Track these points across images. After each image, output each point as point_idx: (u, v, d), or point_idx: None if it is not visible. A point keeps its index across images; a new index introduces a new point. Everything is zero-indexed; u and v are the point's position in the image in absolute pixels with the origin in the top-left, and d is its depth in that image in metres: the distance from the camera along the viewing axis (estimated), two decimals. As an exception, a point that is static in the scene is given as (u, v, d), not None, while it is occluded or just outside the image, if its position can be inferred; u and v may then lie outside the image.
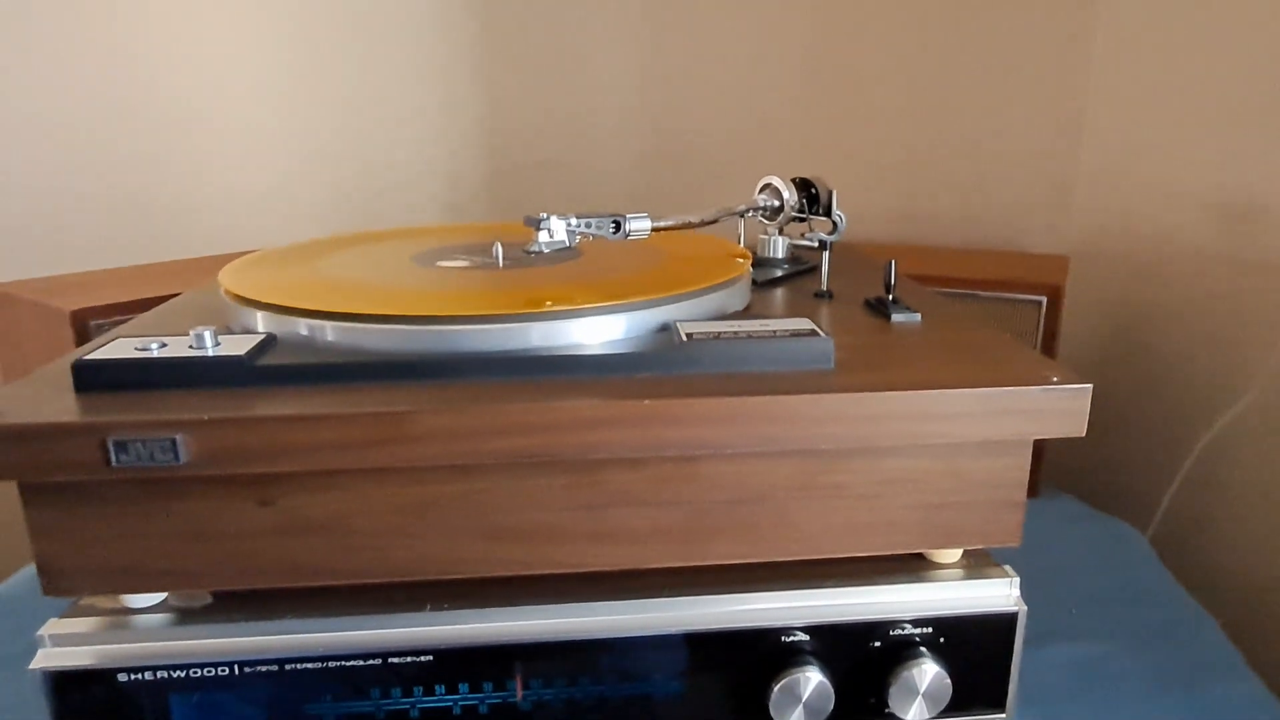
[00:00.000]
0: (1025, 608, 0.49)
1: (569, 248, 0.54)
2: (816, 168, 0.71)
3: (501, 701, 0.47)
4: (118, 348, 0.45)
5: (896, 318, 0.55)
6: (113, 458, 0.40)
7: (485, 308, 0.47)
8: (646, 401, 0.42)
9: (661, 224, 0.57)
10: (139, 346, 0.45)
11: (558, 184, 1.06)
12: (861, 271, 0.69)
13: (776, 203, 0.68)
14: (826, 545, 0.47)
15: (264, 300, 0.50)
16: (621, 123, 1.06)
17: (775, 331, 0.47)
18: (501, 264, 0.59)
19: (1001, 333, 0.52)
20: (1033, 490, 0.85)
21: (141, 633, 0.45)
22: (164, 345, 0.45)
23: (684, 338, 0.46)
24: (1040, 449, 0.96)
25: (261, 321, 0.50)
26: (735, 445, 0.43)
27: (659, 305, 0.50)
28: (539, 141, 1.06)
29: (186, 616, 0.46)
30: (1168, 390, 0.96)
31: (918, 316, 0.55)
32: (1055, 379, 0.44)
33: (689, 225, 0.59)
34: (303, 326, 0.48)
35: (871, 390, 0.43)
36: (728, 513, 0.46)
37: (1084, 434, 0.44)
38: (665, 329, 0.49)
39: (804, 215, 0.68)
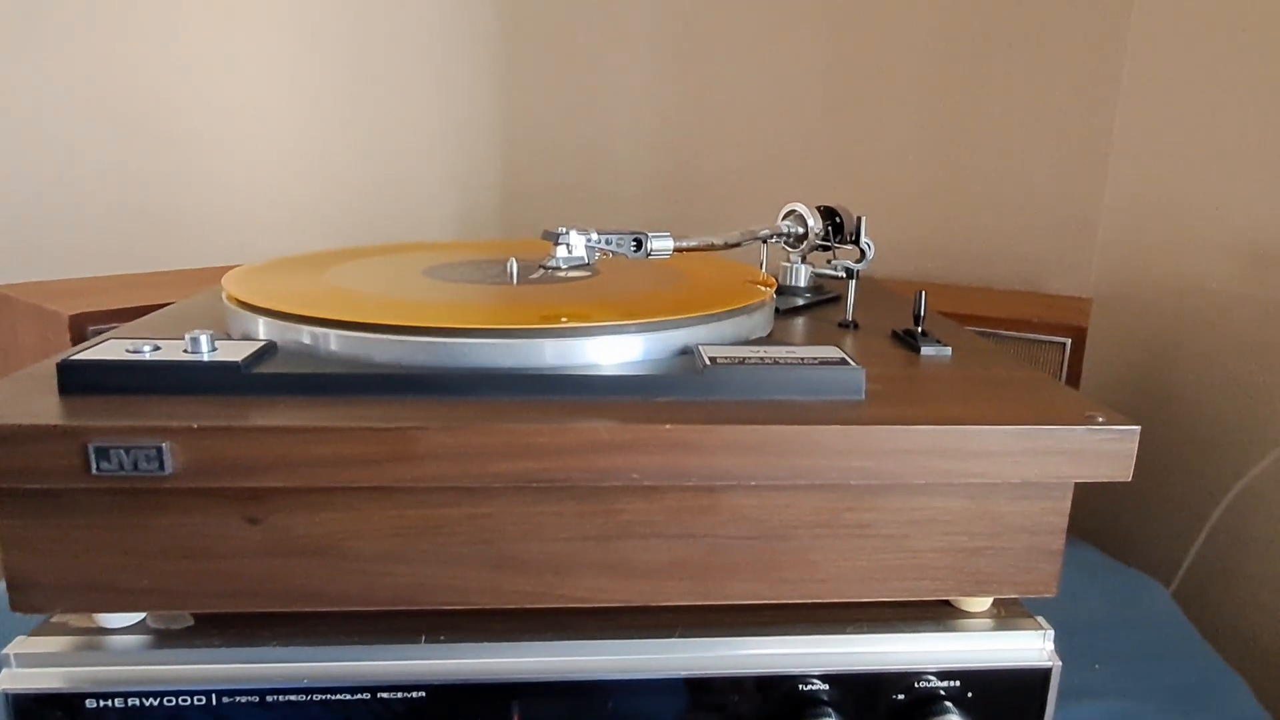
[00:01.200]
0: (1059, 663, 0.45)
1: (586, 265, 0.52)
2: (834, 201, 0.69)
3: (498, 744, 0.44)
4: (108, 349, 0.43)
5: (926, 351, 0.52)
6: (93, 465, 0.37)
7: (497, 322, 0.45)
8: (668, 426, 0.39)
9: (684, 244, 0.55)
10: (130, 349, 0.42)
11: (574, 208, 1.04)
12: (885, 304, 0.67)
13: (800, 229, 0.66)
14: (850, 588, 0.44)
15: (266, 306, 0.47)
16: (639, 149, 1.04)
17: (803, 359, 0.45)
18: (516, 281, 0.56)
19: (1038, 371, 0.50)
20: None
21: (113, 655, 0.42)
22: (157, 349, 0.43)
23: (707, 362, 0.44)
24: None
25: (263, 328, 0.47)
26: (759, 477, 0.40)
27: (679, 327, 0.47)
28: (556, 165, 1.04)
29: (163, 640, 0.43)
30: (1194, 438, 0.93)
31: (948, 350, 0.53)
32: (1101, 419, 0.42)
33: (712, 247, 0.57)
34: (305, 335, 0.46)
35: (905, 424, 0.40)
36: (747, 549, 0.43)
37: (1129, 479, 0.42)
38: (686, 352, 0.47)
39: (828, 243, 0.65)
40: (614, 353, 0.45)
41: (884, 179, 1.03)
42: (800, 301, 0.64)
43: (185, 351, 0.42)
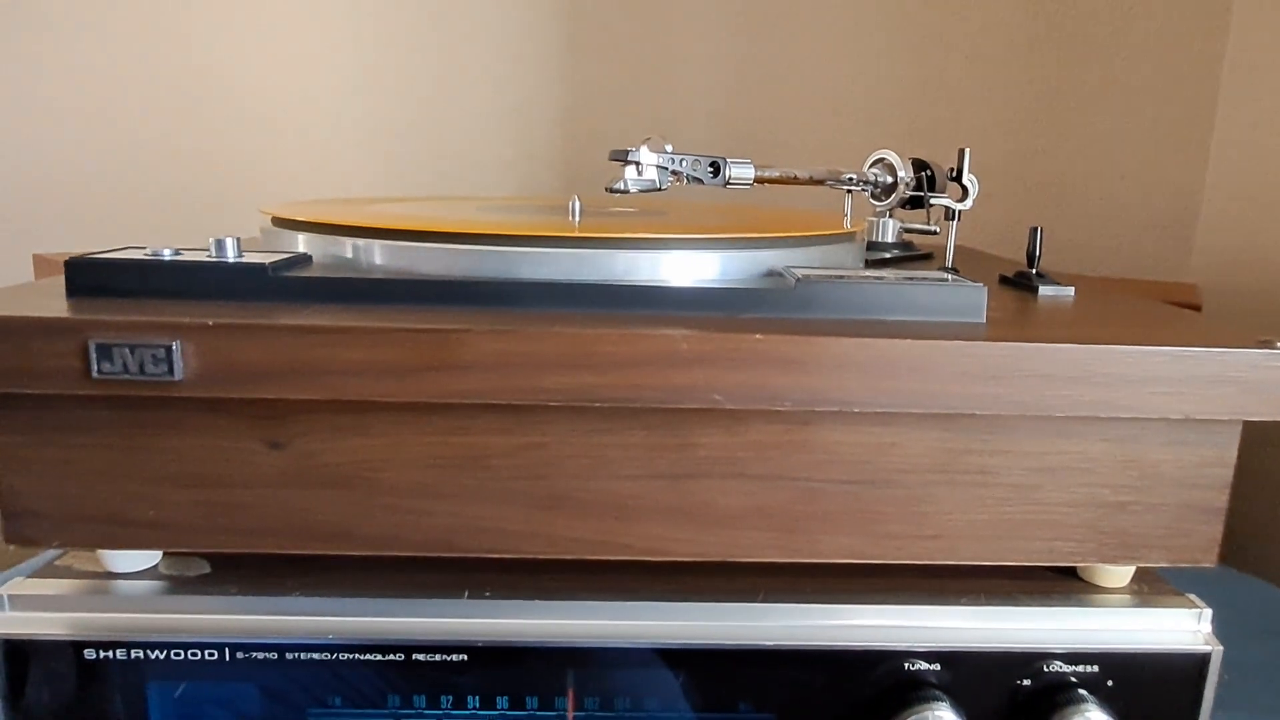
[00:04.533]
0: (1220, 647, 0.38)
1: (659, 190, 0.46)
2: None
3: (548, 724, 0.38)
4: (125, 253, 0.38)
5: (1045, 291, 0.46)
6: (94, 366, 0.32)
7: (557, 233, 0.39)
8: (758, 336, 0.33)
9: (766, 174, 0.49)
10: (150, 252, 0.38)
11: (651, 202, 0.99)
12: (986, 264, 0.60)
13: (889, 179, 0.59)
14: (967, 548, 0.37)
15: (305, 219, 0.42)
16: (704, 130, 0.99)
17: (910, 278, 0.38)
18: (578, 220, 0.51)
19: (1181, 309, 0.43)
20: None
21: (117, 601, 0.37)
22: (177, 254, 0.38)
23: (800, 277, 0.38)
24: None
25: (301, 244, 0.42)
26: (863, 402, 0.34)
27: (764, 248, 0.41)
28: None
29: (174, 587, 0.38)
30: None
31: (1070, 290, 0.46)
32: (1279, 344, 0.34)
33: (795, 180, 0.51)
34: (346, 247, 0.41)
35: (1040, 342, 0.34)
36: (845, 497, 0.36)
37: (1316, 418, 0.34)
38: (773, 274, 0.41)
39: (919, 193, 0.59)
40: (690, 271, 0.39)
41: (971, 161, 0.96)
42: (888, 256, 0.58)
43: (209, 255, 0.38)
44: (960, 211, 0.52)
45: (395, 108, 0.98)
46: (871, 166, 0.60)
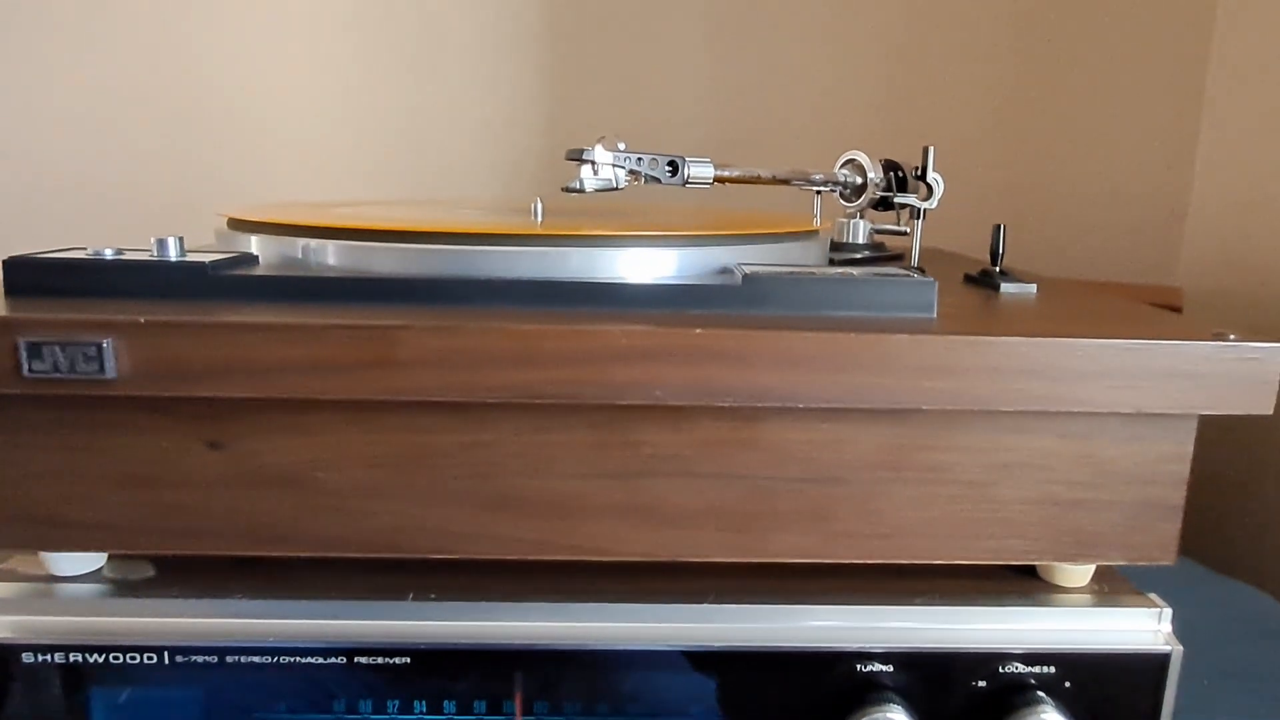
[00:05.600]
0: (1180, 648, 0.37)
1: (616, 189, 0.46)
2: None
3: (498, 728, 0.37)
4: (66, 253, 0.38)
5: (1007, 288, 0.45)
6: (25, 364, 0.32)
7: (503, 231, 0.39)
8: (698, 331, 0.32)
9: (726, 173, 0.49)
10: (91, 252, 0.37)
11: (619, 203, 0.99)
12: (954, 264, 0.60)
13: (859, 179, 0.59)
14: (920, 547, 0.37)
15: (253, 219, 0.42)
16: (688, 144, 0.99)
17: (859, 275, 0.38)
18: (540, 220, 0.51)
19: (1148, 307, 0.42)
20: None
21: (56, 604, 0.36)
22: (119, 253, 0.37)
23: (745, 274, 0.37)
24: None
25: (253, 245, 0.42)
26: (809, 397, 0.33)
27: (718, 244, 0.41)
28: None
29: (116, 590, 0.37)
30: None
31: (1033, 288, 0.45)
32: (1233, 336, 0.34)
33: (758, 179, 0.51)
34: (293, 247, 0.40)
35: (991, 335, 0.33)
36: (795, 495, 0.36)
37: (1270, 410, 0.34)
38: (726, 271, 0.40)
39: (889, 194, 0.59)
40: (642, 267, 0.39)
41: (954, 169, 0.96)
42: (857, 257, 0.57)
43: (151, 256, 0.37)
44: (926, 210, 0.52)
45: (383, 119, 0.98)
46: (842, 167, 0.60)
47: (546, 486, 0.36)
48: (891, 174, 0.59)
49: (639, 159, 0.45)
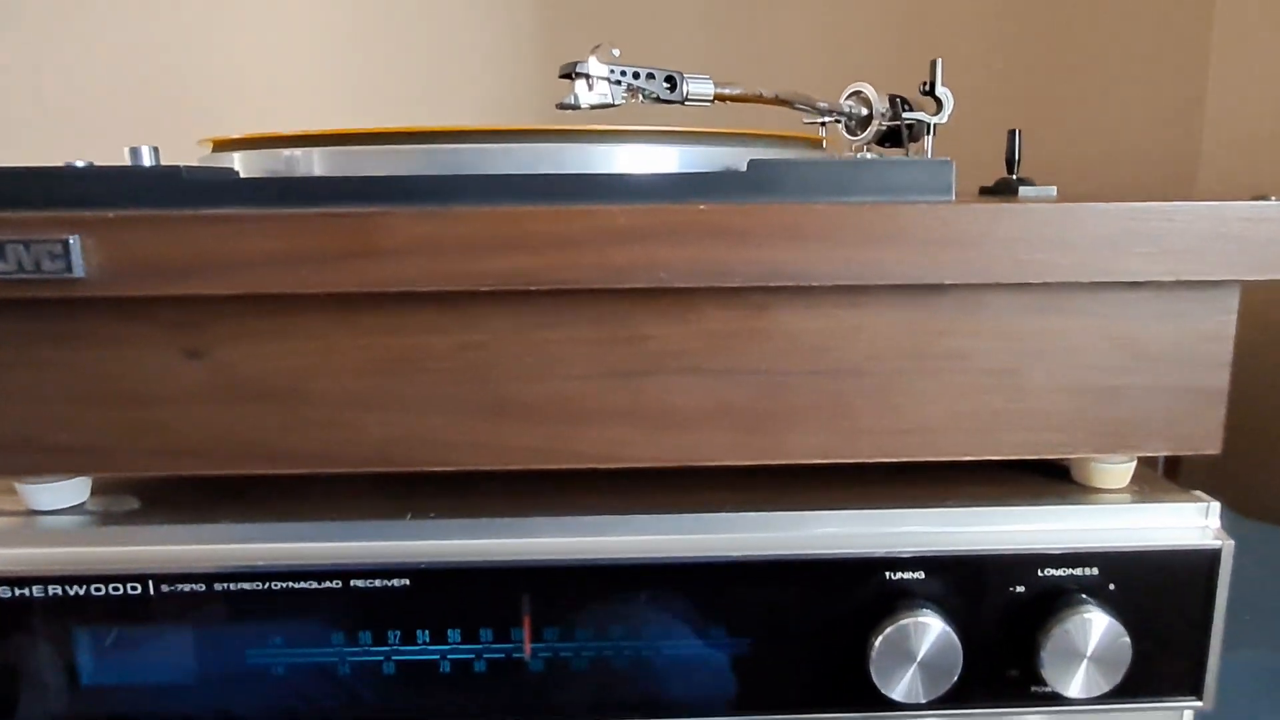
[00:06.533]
0: (1231, 542, 0.35)
1: (613, 106, 0.44)
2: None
3: (505, 657, 0.35)
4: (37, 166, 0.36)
5: (1026, 192, 0.43)
6: (-12, 265, 0.30)
7: (500, 128, 0.37)
8: (701, 207, 0.30)
9: (727, 90, 0.47)
10: (63, 163, 0.36)
11: (615, 117, 0.97)
12: (965, 182, 0.58)
13: (865, 111, 0.57)
14: (946, 442, 0.34)
15: (239, 137, 0.40)
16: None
17: (872, 157, 0.36)
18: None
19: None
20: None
21: (32, 536, 0.34)
22: (91, 164, 0.36)
23: (752, 160, 0.35)
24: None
25: (236, 162, 0.40)
26: (819, 275, 0.31)
27: (724, 144, 0.39)
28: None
29: (97, 521, 0.35)
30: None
31: (1053, 189, 0.43)
32: (1274, 198, 0.32)
33: (760, 98, 0.49)
34: (277, 159, 0.38)
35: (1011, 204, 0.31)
36: (811, 390, 0.34)
37: (1319, 276, 0.32)
38: (727, 169, 0.38)
39: (896, 124, 0.57)
40: (640, 165, 0.37)
41: (953, 122, 0.94)
42: (867, 186, 0.55)
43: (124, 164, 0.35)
44: (936, 126, 0.50)
45: (377, 53, 0.96)
46: (847, 99, 0.58)
47: (546, 390, 0.33)
48: (898, 106, 0.57)
49: (635, 73, 0.44)
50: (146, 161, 0.35)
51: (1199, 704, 0.36)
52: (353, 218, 0.30)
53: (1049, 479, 0.38)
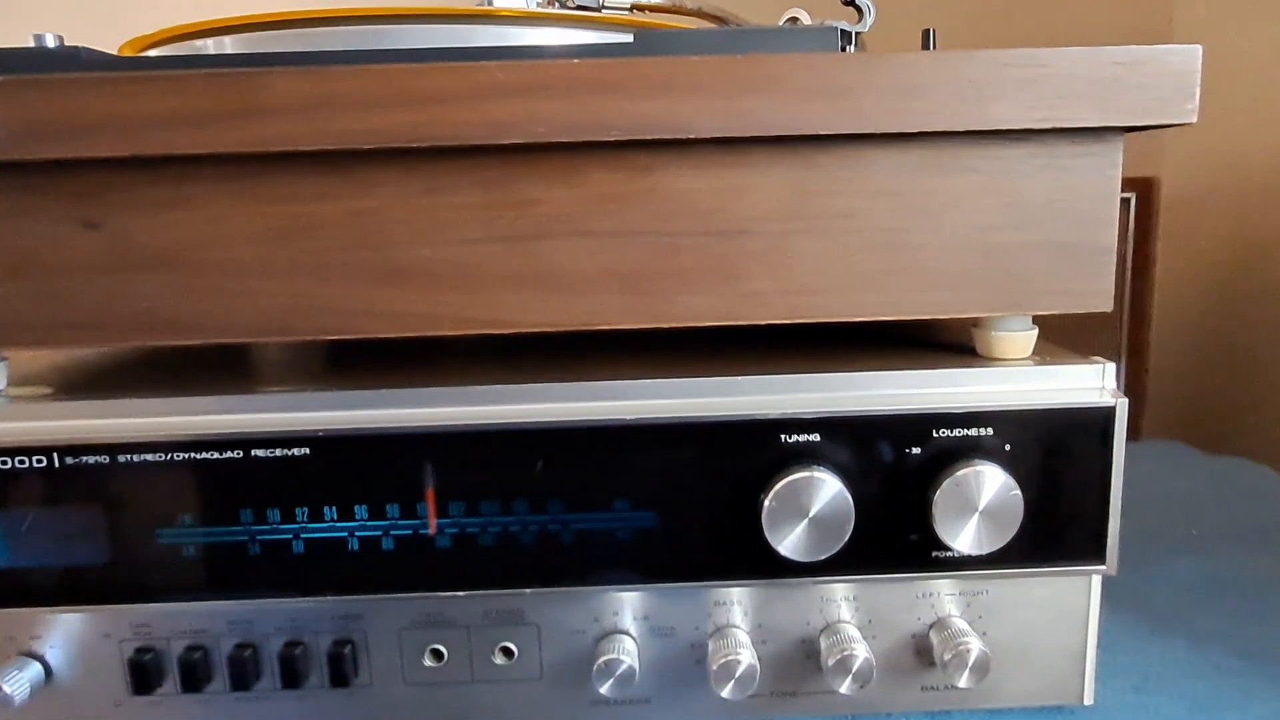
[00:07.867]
0: (1125, 400, 0.35)
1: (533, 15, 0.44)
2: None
3: (412, 533, 0.35)
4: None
5: (935, 83, 0.43)
6: (-123, 128, 0.31)
7: (402, 10, 0.38)
8: (576, 61, 0.31)
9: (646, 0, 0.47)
10: (-32, 54, 0.36)
11: None
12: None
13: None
14: (838, 302, 0.35)
15: (145, 41, 0.41)
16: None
17: (760, 26, 0.36)
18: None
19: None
20: (1133, 433, 0.70)
21: (-59, 411, 0.35)
22: (-4, 51, 0.36)
23: (638, 31, 0.36)
24: (1142, 387, 0.81)
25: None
26: (695, 128, 0.31)
27: (620, 31, 0.39)
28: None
29: (7, 403, 0.36)
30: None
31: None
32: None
33: (680, 9, 0.49)
34: (186, 50, 0.39)
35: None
36: (700, 250, 0.34)
37: (1195, 120, 0.32)
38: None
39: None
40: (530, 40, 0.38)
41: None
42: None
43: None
44: (858, 36, 0.50)
45: None
46: (785, 24, 0.58)
47: (437, 256, 0.34)
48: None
49: (545, -23, 0.44)
50: (50, 43, 0.36)
51: (1102, 568, 0.36)
52: (235, 76, 0.31)
53: (951, 353, 0.38)
